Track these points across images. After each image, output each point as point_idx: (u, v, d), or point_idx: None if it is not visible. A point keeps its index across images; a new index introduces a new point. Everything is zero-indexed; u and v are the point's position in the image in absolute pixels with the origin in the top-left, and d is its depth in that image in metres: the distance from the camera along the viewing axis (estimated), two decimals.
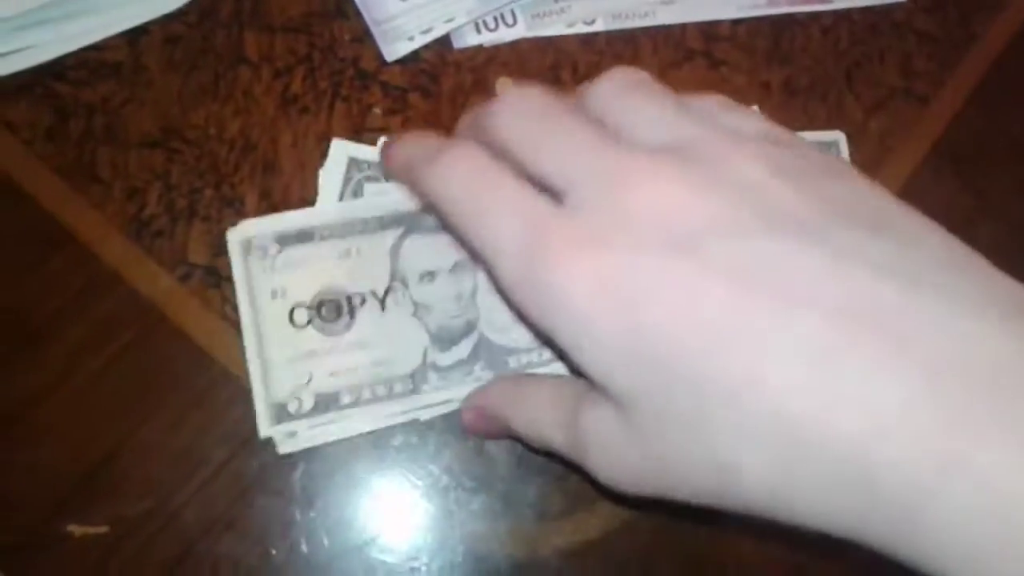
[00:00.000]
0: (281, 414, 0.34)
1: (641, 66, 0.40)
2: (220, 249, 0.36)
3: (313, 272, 0.36)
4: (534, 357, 0.36)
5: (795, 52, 0.43)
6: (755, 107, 0.40)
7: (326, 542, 0.35)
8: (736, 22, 0.43)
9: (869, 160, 0.42)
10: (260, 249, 0.36)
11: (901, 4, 0.44)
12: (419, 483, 0.36)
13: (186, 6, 0.39)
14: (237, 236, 0.36)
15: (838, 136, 0.41)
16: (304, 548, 0.35)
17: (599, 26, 0.42)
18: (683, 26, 0.42)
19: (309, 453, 0.35)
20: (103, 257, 0.36)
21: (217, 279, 0.36)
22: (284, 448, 0.35)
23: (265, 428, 0.34)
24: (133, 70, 0.38)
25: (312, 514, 0.35)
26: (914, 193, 0.41)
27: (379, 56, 0.40)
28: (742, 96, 0.41)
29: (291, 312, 0.35)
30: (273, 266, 0.36)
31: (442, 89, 0.40)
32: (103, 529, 0.34)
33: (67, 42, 0.37)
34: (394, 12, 0.39)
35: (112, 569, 0.33)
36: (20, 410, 0.35)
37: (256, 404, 0.35)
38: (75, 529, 0.33)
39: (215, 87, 0.39)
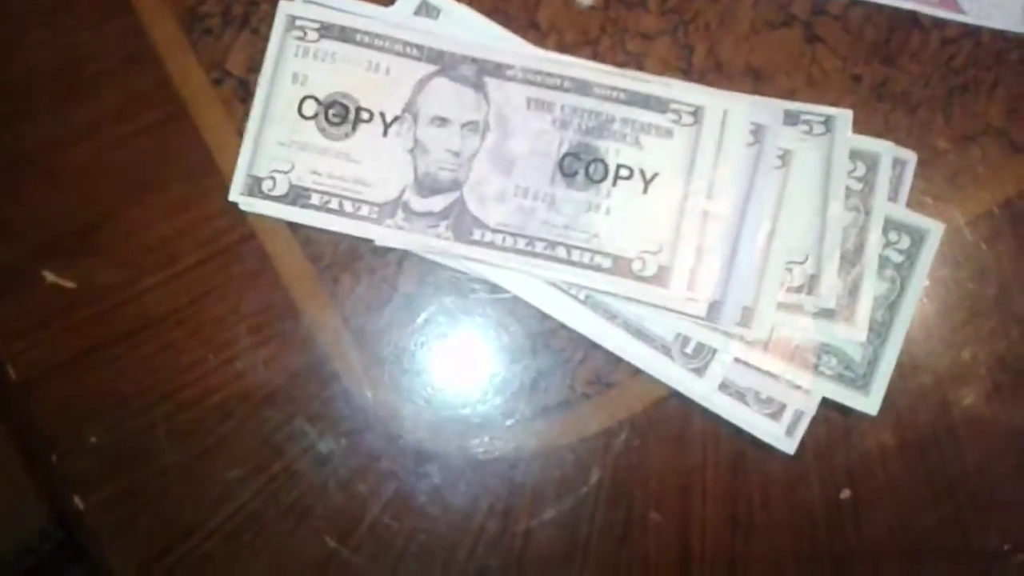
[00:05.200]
0: (254, 188, 0.36)
1: (734, 20, 0.39)
2: (258, 65, 0.37)
3: (338, 71, 0.36)
4: (496, 239, 0.36)
5: (903, 54, 0.39)
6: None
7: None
8: (854, 2, 0.39)
9: (933, 191, 0.39)
10: (300, 30, 0.36)
11: None
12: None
13: None
14: (287, 9, 0.36)
15: (909, 156, 0.38)
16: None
17: None
18: None
19: (269, 286, 0.37)
20: (152, 36, 0.38)
21: (246, 94, 0.37)
22: (245, 207, 0.36)
23: (235, 194, 0.36)
24: None
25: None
26: (964, 242, 0.39)
27: None
28: (827, 83, 0.39)
29: (302, 101, 0.36)
30: (306, 51, 0.36)
31: None
32: (72, 284, 0.36)
33: None
34: None
35: (70, 322, 0.36)
36: (38, 153, 0.37)
37: (237, 170, 0.36)
38: (48, 275, 0.36)
39: None
